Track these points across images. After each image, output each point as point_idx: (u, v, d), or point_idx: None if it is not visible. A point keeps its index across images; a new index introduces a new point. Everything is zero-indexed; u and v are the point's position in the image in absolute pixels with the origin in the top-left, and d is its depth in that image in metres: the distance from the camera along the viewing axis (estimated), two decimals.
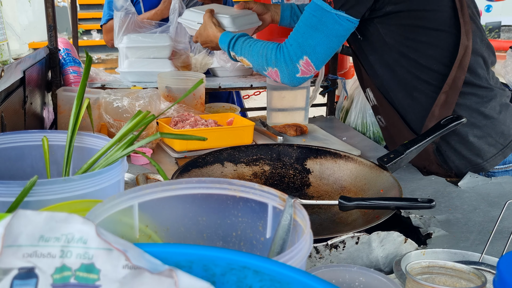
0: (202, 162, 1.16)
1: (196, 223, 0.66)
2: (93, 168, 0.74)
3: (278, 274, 0.40)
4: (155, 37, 1.75)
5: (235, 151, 1.22)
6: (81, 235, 0.42)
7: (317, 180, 1.20)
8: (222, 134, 1.46)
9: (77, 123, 0.79)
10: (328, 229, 1.03)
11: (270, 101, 1.73)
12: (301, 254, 0.49)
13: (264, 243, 0.64)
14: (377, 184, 1.09)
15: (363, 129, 1.81)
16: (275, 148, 1.24)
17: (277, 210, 0.61)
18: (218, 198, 0.65)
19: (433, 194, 1.18)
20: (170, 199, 0.64)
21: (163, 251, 0.43)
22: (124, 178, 1.17)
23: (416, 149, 1.09)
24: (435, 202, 0.92)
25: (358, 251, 0.86)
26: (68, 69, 1.61)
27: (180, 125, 1.48)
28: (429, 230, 1.00)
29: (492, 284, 0.55)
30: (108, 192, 0.68)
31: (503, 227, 0.99)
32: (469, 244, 0.95)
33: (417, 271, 0.63)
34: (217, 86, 1.87)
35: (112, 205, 0.58)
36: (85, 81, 0.81)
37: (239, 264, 0.41)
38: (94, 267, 0.42)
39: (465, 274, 0.62)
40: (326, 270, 0.65)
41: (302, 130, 1.64)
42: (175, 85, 1.62)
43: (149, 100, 1.42)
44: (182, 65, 1.82)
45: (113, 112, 1.41)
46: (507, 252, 0.56)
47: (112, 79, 1.83)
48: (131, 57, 1.76)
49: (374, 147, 1.58)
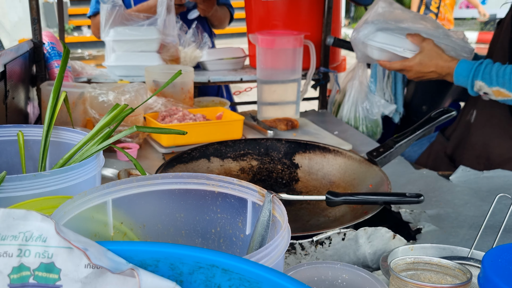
0: (188, 157, 1.14)
1: (173, 219, 0.64)
2: (69, 163, 0.72)
3: (247, 272, 0.37)
4: (143, 30, 1.72)
5: (222, 146, 1.20)
6: (40, 233, 0.40)
7: (306, 175, 1.18)
8: (210, 128, 1.44)
9: (53, 117, 0.76)
10: (316, 225, 1.01)
11: (261, 95, 1.71)
12: (277, 250, 0.47)
13: (244, 240, 0.62)
14: (366, 179, 1.07)
15: (356, 123, 1.79)
16: (263, 142, 1.22)
17: (256, 206, 0.59)
18: (196, 194, 0.62)
19: (424, 188, 1.16)
20: (146, 194, 0.61)
21: (128, 249, 0.40)
22: (107, 174, 1.15)
23: (406, 143, 1.07)
24: (423, 196, 0.90)
25: (344, 247, 0.84)
26: (53, 63, 1.58)
27: (168, 119, 1.45)
28: (419, 225, 0.98)
29: (477, 280, 0.53)
30: (83, 188, 0.66)
31: (494, 222, 0.97)
32: (459, 239, 0.94)
33: (402, 268, 0.61)
34: (207, 80, 1.84)
35: (83, 202, 0.55)
36: (62, 73, 0.78)
37: (207, 263, 0.39)
38: (54, 267, 0.39)
39: (451, 270, 0.60)
40: (308, 267, 0.62)
41: (293, 124, 1.61)
42: (163, 79, 1.59)
43: (136, 94, 1.39)
44: (170, 58, 1.79)
45: (99, 106, 1.38)
46: (491, 248, 0.54)
47: (99, 73, 1.80)
48: (118, 51, 1.73)
49: (366, 141, 1.56)
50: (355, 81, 1.78)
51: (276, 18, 1.87)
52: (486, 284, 0.50)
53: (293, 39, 1.63)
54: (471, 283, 0.58)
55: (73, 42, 9.06)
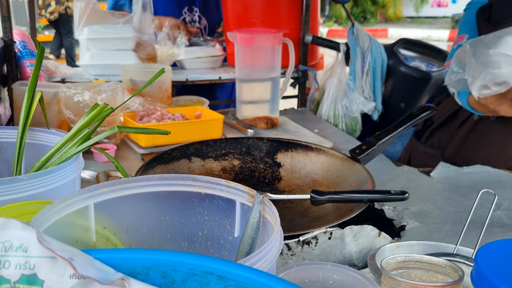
0: (168, 158, 1.11)
1: (159, 223, 0.62)
2: (46, 166, 0.68)
3: (244, 278, 0.36)
4: (118, 28, 1.68)
5: (203, 146, 1.18)
6: (21, 243, 0.37)
7: (288, 173, 1.16)
8: (190, 128, 1.41)
9: (28, 117, 0.73)
10: (300, 225, 1.00)
11: (240, 93, 1.69)
12: (271, 254, 0.45)
13: (233, 243, 0.60)
14: (349, 176, 1.06)
15: (335, 121, 1.79)
16: (244, 141, 1.20)
17: (245, 207, 0.57)
18: (182, 196, 0.60)
19: (406, 185, 1.16)
20: (129, 198, 0.59)
21: (116, 257, 0.38)
22: (84, 176, 1.11)
23: (388, 140, 1.07)
24: (408, 194, 0.90)
25: (331, 246, 0.83)
26: (25, 62, 1.52)
27: (145, 119, 1.42)
28: (402, 222, 0.98)
29: (470, 277, 0.53)
30: (62, 191, 0.63)
31: (476, 217, 0.98)
32: (443, 235, 0.94)
33: (392, 266, 0.61)
34: (185, 79, 1.81)
35: (64, 207, 0.53)
36: (37, 72, 0.75)
37: (201, 269, 0.37)
38: (36, 278, 0.37)
39: (442, 268, 0.59)
40: (298, 269, 0.61)
41: (273, 123, 1.60)
42: (140, 78, 1.56)
43: (112, 93, 1.36)
44: (147, 57, 1.76)
45: (74, 107, 1.34)
46: (483, 245, 0.54)
47: (73, 72, 1.75)
48: (92, 49, 1.68)
49: (347, 139, 1.56)
50: (334, 79, 1.78)
51: (254, 16, 1.86)
52: (480, 281, 0.50)
53: (272, 37, 1.62)
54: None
55: (44, 41, 8.84)
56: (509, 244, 0.52)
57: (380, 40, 1.95)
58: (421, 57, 1.94)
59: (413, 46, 1.98)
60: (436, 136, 1.61)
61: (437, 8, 15.90)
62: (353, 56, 1.82)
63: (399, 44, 1.98)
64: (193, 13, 2.15)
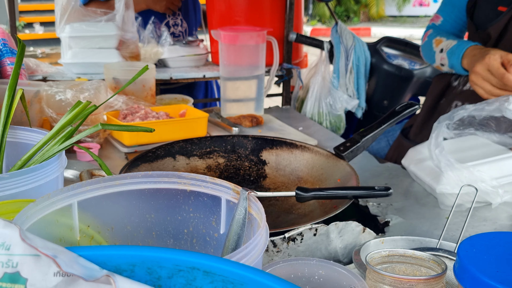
0: (152, 156, 1.10)
1: (144, 220, 0.61)
2: (28, 164, 0.67)
3: (230, 274, 0.36)
4: (101, 26, 1.66)
5: (188, 144, 1.17)
6: (3, 241, 0.36)
7: (274, 171, 1.17)
8: (174, 126, 1.41)
9: (9, 116, 0.71)
10: (286, 222, 1.00)
11: (224, 91, 1.69)
12: (256, 249, 0.45)
13: (218, 239, 0.60)
14: (334, 173, 1.07)
15: (319, 119, 1.80)
16: (229, 139, 1.20)
17: (231, 204, 0.57)
18: (167, 193, 0.60)
19: (389, 181, 1.18)
20: (114, 195, 0.58)
21: (101, 254, 0.38)
22: (67, 175, 1.10)
23: (372, 137, 1.08)
24: (392, 189, 0.90)
25: (316, 243, 0.84)
26: (5, 60, 1.50)
27: (129, 118, 1.41)
28: (386, 218, 0.99)
29: (453, 270, 0.54)
30: (45, 190, 0.62)
31: (455, 212, 1.00)
32: (425, 230, 0.95)
33: (377, 261, 0.61)
34: (168, 77, 1.80)
35: (47, 205, 0.52)
36: (17, 69, 0.73)
37: (187, 265, 0.37)
38: (19, 276, 0.36)
39: (425, 262, 0.60)
40: (284, 265, 0.61)
41: (258, 121, 1.60)
42: (123, 76, 1.54)
43: (95, 92, 1.34)
44: (130, 55, 1.74)
45: (56, 105, 1.32)
46: (465, 238, 0.55)
47: (55, 71, 1.72)
48: (74, 48, 1.66)
49: (331, 137, 1.57)
50: (318, 77, 1.79)
51: (238, 14, 1.86)
52: (462, 274, 0.51)
53: (256, 35, 1.62)
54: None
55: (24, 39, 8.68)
56: (491, 237, 0.53)
57: (363, 38, 1.97)
58: (404, 55, 1.97)
59: (396, 44, 2.01)
60: (424, 132, 1.63)
61: (419, 7, 16.09)
62: (337, 54, 1.83)
63: (382, 42, 2.00)
64: (176, 16, 2.16)
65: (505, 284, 0.47)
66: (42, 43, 8.74)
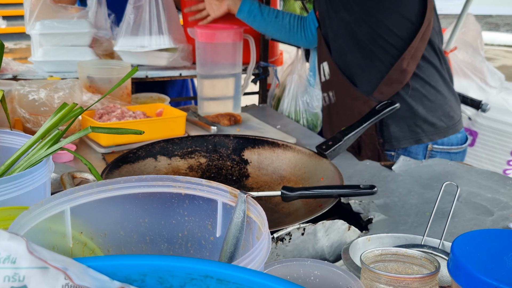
0: (134, 157, 1.08)
1: (137, 225, 0.60)
2: (12, 169, 0.65)
3: (245, 281, 0.36)
4: (73, 23, 1.61)
5: (169, 144, 1.16)
6: (9, 254, 0.35)
7: (256, 170, 1.17)
8: (152, 126, 1.39)
9: None
10: (271, 221, 1.00)
11: (201, 90, 1.68)
12: (261, 254, 0.45)
13: (214, 243, 0.59)
14: (317, 172, 1.08)
15: (296, 117, 1.81)
16: (210, 139, 1.19)
17: (227, 207, 0.57)
18: (161, 197, 0.59)
19: (370, 178, 1.20)
20: (106, 201, 0.57)
21: (111, 264, 0.37)
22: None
23: (353, 135, 1.10)
24: (376, 188, 0.92)
25: (304, 242, 0.85)
26: None
27: (105, 117, 1.38)
28: (369, 215, 1.01)
29: (447, 268, 0.55)
30: (32, 197, 0.60)
31: (437, 208, 1.02)
32: (408, 227, 0.97)
33: (370, 260, 0.62)
34: (144, 76, 1.77)
35: (40, 212, 0.50)
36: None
37: (200, 273, 0.36)
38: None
39: (417, 259, 0.62)
40: (279, 266, 0.62)
41: (236, 120, 1.60)
42: (98, 75, 1.51)
43: (70, 91, 1.31)
44: (104, 53, 1.70)
45: (29, 105, 1.28)
46: (459, 235, 0.56)
47: (25, 69, 1.66)
48: (46, 45, 1.61)
49: (309, 134, 1.58)
50: (294, 75, 1.80)
51: None
52: (457, 271, 0.52)
53: (233, 33, 1.61)
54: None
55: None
56: (484, 234, 0.55)
57: None
58: None
59: None
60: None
61: None
62: (313, 52, 1.84)
63: None
64: None
65: (499, 280, 0.49)
66: (4, 37, 8.35)
